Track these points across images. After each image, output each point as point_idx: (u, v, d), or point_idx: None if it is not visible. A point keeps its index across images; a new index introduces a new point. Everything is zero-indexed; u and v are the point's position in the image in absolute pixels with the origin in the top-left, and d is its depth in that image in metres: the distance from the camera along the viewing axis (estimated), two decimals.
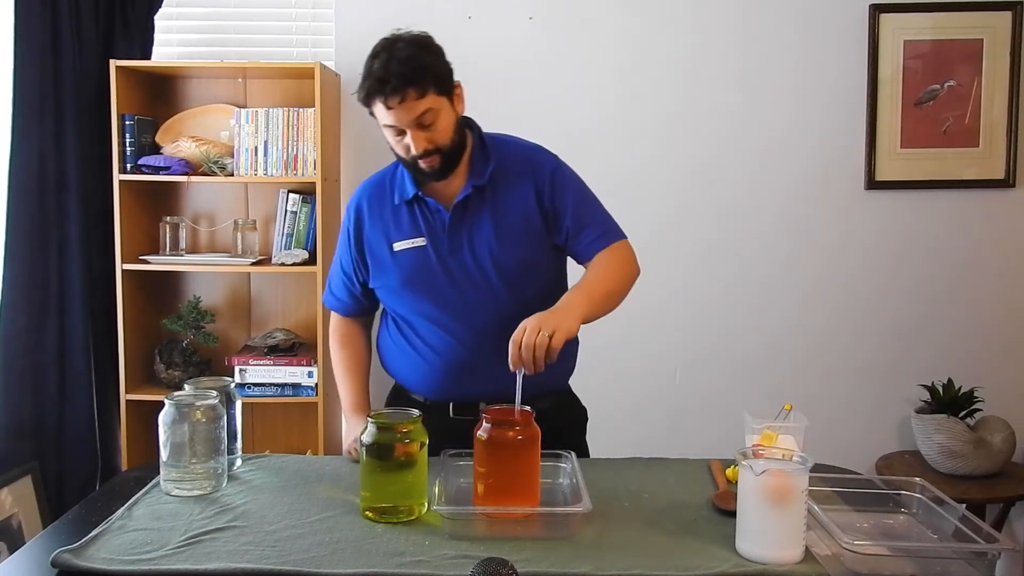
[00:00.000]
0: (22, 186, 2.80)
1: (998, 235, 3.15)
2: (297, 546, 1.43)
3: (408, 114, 1.75)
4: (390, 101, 1.74)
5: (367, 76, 1.76)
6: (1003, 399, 3.04)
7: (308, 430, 3.07)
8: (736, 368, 3.17)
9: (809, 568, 1.37)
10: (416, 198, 1.89)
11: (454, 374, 1.90)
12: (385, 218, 1.93)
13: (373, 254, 1.93)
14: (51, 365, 2.89)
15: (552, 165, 1.93)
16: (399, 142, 1.81)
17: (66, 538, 1.45)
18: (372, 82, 1.75)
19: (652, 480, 1.75)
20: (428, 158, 1.79)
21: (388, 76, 1.73)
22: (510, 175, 1.90)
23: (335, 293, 2.06)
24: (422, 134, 1.77)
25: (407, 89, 1.73)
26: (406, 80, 1.73)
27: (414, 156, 1.79)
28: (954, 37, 3.07)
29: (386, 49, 1.77)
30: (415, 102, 1.75)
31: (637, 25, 3.12)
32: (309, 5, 3.18)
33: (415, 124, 1.76)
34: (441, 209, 1.88)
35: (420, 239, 1.88)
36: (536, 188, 1.89)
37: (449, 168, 1.84)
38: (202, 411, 1.64)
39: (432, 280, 1.88)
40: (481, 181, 1.87)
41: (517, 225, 1.88)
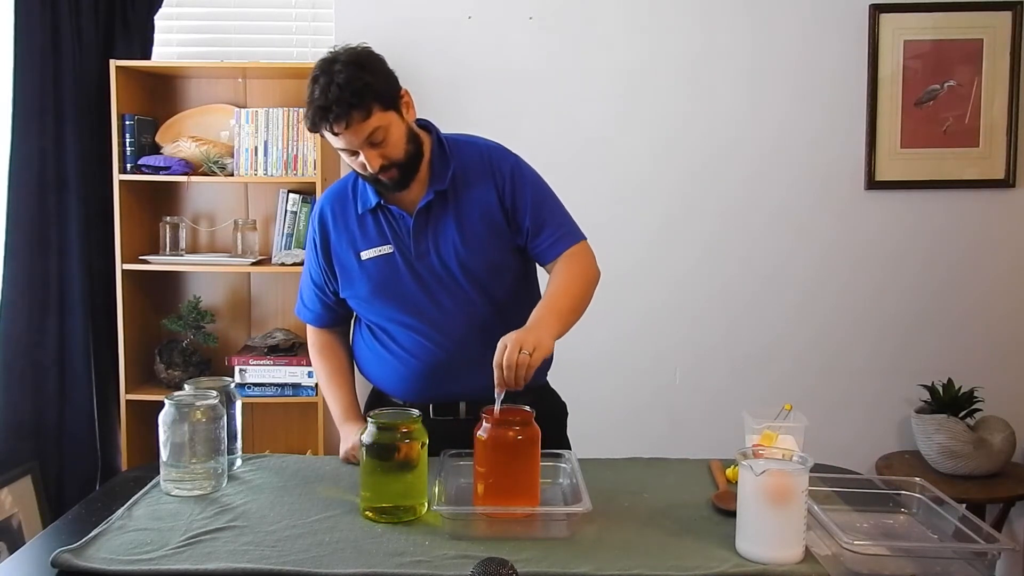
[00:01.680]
0: (22, 186, 2.80)
1: (998, 235, 3.15)
2: (297, 546, 1.43)
3: (357, 136, 1.73)
4: (336, 127, 1.71)
5: (310, 103, 1.73)
6: (1003, 399, 3.04)
7: (308, 430, 3.07)
8: (736, 368, 3.17)
9: (809, 568, 1.37)
10: (379, 206, 1.88)
11: (431, 376, 1.89)
12: (350, 227, 1.91)
13: (341, 264, 1.92)
14: (51, 365, 2.89)
15: (511, 164, 1.92)
16: (354, 161, 1.79)
17: (66, 538, 1.45)
18: (315, 110, 1.72)
19: (652, 480, 1.75)
20: (386, 172, 1.78)
21: (329, 103, 1.70)
22: (470, 177, 1.88)
23: (307, 305, 2.04)
24: (375, 151, 1.75)
25: (351, 113, 1.70)
26: (349, 105, 1.70)
27: (371, 173, 1.78)
28: (954, 37, 3.07)
29: (325, 73, 1.72)
30: (361, 124, 1.72)
31: (637, 25, 3.12)
32: (309, 5, 3.18)
33: (366, 144, 1.75)
34: (405, 215, 1.87)
35: (387, 247, 1.87)
36: (496, 188, 1.89)
37: (409, 178, 1.83)
38: (202, 411, 1.64)
39: (402, 287, 1.87)
40: (442, 186, 1.86)
41: (480, 227, 1.87)
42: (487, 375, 1.65)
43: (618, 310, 3.07)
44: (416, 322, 1.88)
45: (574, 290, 1.83)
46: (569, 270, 1.86)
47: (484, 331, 1.83)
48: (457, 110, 3.14)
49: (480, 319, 1.86)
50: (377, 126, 1.74)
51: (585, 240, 1.93)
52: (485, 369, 1.66)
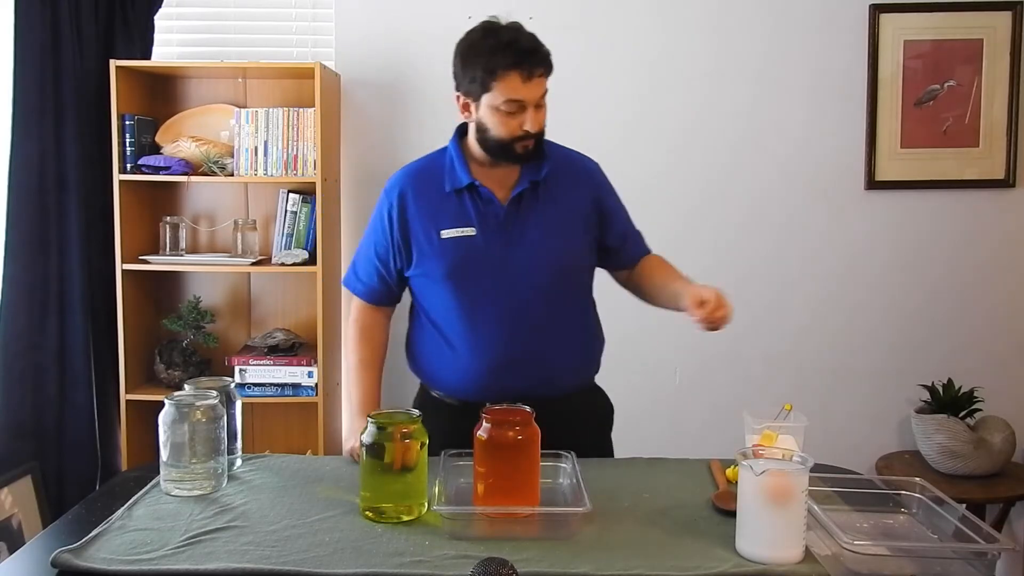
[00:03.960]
0: (22, 186, 2.80)
1: (998, 235, 3.15)
2: (297, 546, 1.43)
3: (538, 90, 1.79)
4: (536, 70, 1.77)
5: (506, 47, 1.76)
6: (1003, 399, 3.04)
7: (308, 430, 3.06)
8: (736, 368, 3.17)
9: (809, 568, 1.37)
10: (470, 187, 1.88)
11: (487, 373, 1.89)
12: (432, 205, 1.90)
13: (417, 240, 1.91)
14: (51, 365, 2.89)
15: (601, 173, 2.02)
16: (511, 119, 1.80)
17: (66, 538, 1.45)
18: (516, 52, 1.76)
19: (652, 480, 1.75)
20: (526, 140, 1.82)
21: (535, 47, 1.78)
22: (563, 176, 1.92)
23: (361, 278, 2.01)
24: (538, 114, 1.81)
25: (545, 66, 1.79)
26: (546, 56, 1.79)
27: (523, 133, 1.80)
28: (954, 37, 3.07)
29: (506, 29, 1.80)
30: (543, 80, 1.80)
31: (637, 26, 3.12)
32: (309, 5, 3.18)
33: (537, 102, 1.80)
34: (495, 200, 1.88)
35: (470, 228, 1.87)
36: (592, 192, 1.95)
37: (537, 154, 1.86)
38: (202, 411, 1.64)
39: (478, 271, 1.87)
40: (537, 177, 1.88)
41: (567, 224, 1.91)
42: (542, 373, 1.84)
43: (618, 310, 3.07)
44: (480, 308, 1.87)
45: None
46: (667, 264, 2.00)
47: (543, 331, 1.88)
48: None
49: (541, 316, 1.88)
50: (547, 89, 1.83)
51: None
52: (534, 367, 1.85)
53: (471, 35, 1.84)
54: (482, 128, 1.84)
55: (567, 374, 1.95)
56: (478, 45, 1.81)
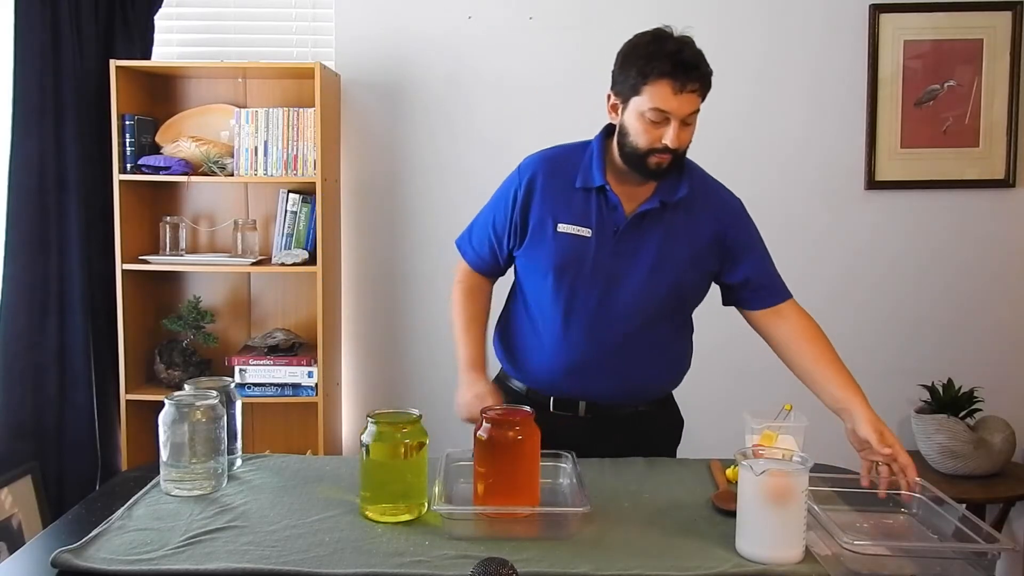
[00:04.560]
0: (22, 186, 2.80)
1: (998, 235, 3.15)
2: (297, 546, 1.43)
3: (688, 106, 1.75)
4: (690, 86, 1.73)
5: (664, 56, 1.74)
6: (1003, 399, 3.04)
7: (308, 430, 3.06)
8: (736, 368, 3.17)
9: (809, 568, 1.37)
10: (600, 189, 1.85)
11: (568, 373, 1.89)
12: (557, 196, 1.87)
13: (534, 226, 1.88)
14: (51, 365, 2.89)
15: (740, 210, 1.96)
16: (652, 129, 1.76)
17: (66, 538, 1.45)
18: (674, 63, 1.73)
19: (652, 480, 1.75)
20: (662, 155, 1.78)
21: (697, 63, 1.74)
22: (696, 205, 1.88)
23: (474, 246, 2.00)
24: (683, 131, 1.77)
25: (702, 84, 1.75)
26: (706, 76, 1.76)
27: (662, 147, 1.76)
28: (954, 37, 3.07)
29: (674, 39, 1.77)
30: (697, 98, 1.76)
31: (636, 25, 3.10)
32: (309, 5, 3.18)
33: (684, 118, 1.76)
34: (620, 209, 1.84)
35: (586, 229, 1.84)
36: (718, 226, 1.90)
37: (670, 172, 1.83)
38: (202, 411, 1.64)
39: (582, 273, 1.84)
40: (670, 199, 1.85)
41: (685, 256, 1.87)
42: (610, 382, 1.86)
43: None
44: (578, 313, 1.86)
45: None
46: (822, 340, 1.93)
47: (630, 342, 1.86)
48: (457, 110, 3.14)
49: (634, 331, 1.86)
50: (698, 110, 1.79)
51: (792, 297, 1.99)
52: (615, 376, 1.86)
53: (639, 37, 1.82)
54: (624, 132, 1.81)
55: (643, 390, 1.94)
56: (641, 48, 1.79)
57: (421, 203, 3.19)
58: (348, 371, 3.24)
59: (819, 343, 1.90)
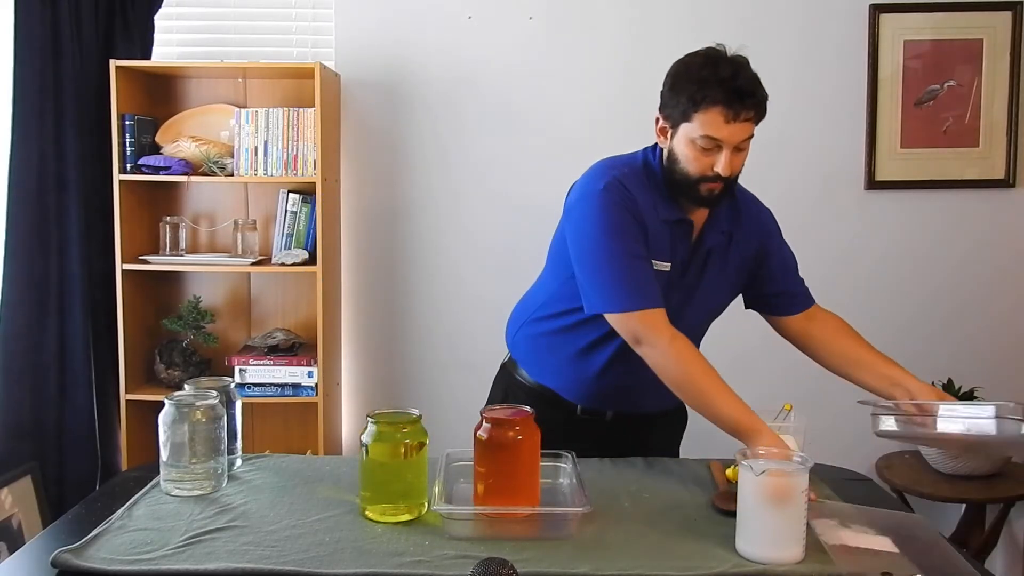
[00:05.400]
0: (22, 186, 2.80)
1: (998, 235, 3.15)
2: (297, 546, 1.43)
3: (741, 134, 1.68)
4: (744, 114, 1.66)
5: (717, 82, 1.64)
6: (1003, 399, 3.03)
7: (308, 430, 3.07)
8: (736, 368, 3.15)
9: (809, 568, 1.37)
10: (680, 221, 1.77)
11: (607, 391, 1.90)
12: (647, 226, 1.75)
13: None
14: (51, 365, 2.89)
15: (774, 221, 1.95)
16: (703, 156, 1.69)
17: (66, 538, 1.45)
18: (729, 90, 1.64)
19: (652, 480, 1.75)
20: (714, 184, 1.71)
21: (752, 90, 1.66)
22: (744, 227, 1.87)
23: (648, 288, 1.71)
24: (735, 158, 1.70)
25: (758, 109, 1.68)
26: (761, 102, 1.68)
27: (713, 175, 1.69)
28: (954, 37, 3.07)
29: (727, 61, 1.67)
30: (751, 125, 1.69)
31: (637, 25, 3.12)
32: (309, 5, 3.18)
33: (737, 146, 1.69)
34: (689, 240, 1.80)
35: (666, 264, 1.77)
36: (756, 240, 1.89)
37: (722, 200, 1.78)
38: (202, 411, 1.64)
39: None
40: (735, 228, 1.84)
41: (734, 278, 1.87)
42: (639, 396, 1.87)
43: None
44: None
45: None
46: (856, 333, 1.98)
47: None
48: (457, 110, 3.14)
49: None
50: (752, 135, 1.71)
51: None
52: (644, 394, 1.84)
53: (690, 58, 1.72)
54: (673, 158, 1.73)
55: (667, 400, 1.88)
56: (693, 71, 1.69)
57: (421, 203, 3.19)
58: (348, 371, 3.24)
59: (854, 335, 1.97)
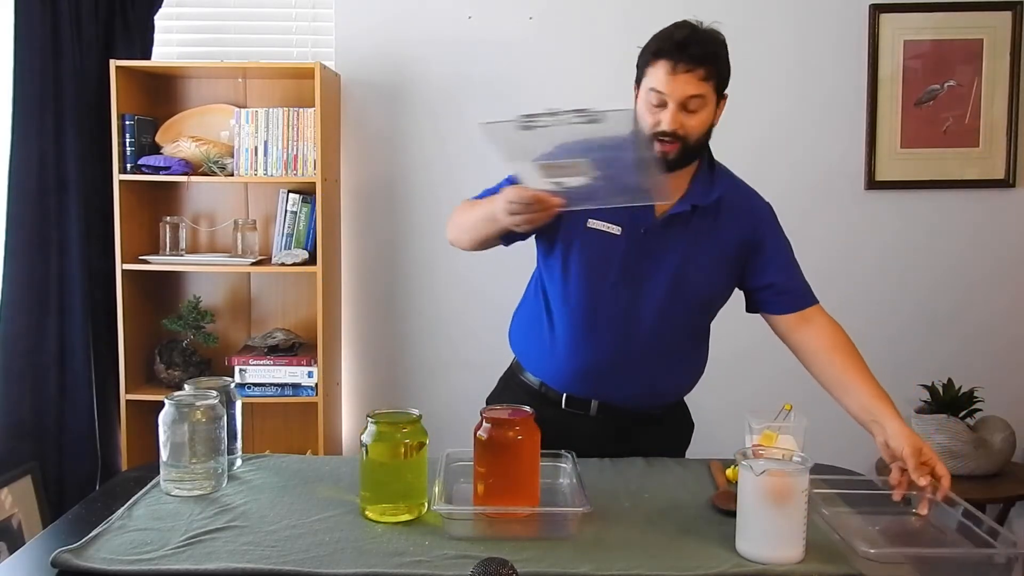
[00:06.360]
0: (22, 186, 2.80)
1: (998, 235, 3.15)
2: (297, 546, 1.43)
3: (683, 89, 1.71)
4: (679, 67, 1.71)
5: (664, 37, 1.75)
6: (1003, 399, 3.04)
7: (308, 430, 3.06)
8: (736, 368, 3.17)
9: (809, 568, 1.37)
10: None
11: (581, 372, 1.88)
12: None
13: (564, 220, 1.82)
14: (51, 365, 2.89)
15: (769, 213, 1.92)
16: (653, 112, 1.75)
17: (66, 538, 1.45)
18: (670, 43, 1.73)
19: (652, 480, 1.75)
20: (669, 143, 1.74)
21: (690, 42, 1.72)
22: (724, 208, 1.86)
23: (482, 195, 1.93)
24: (680, 116, 1.73)
25: (699, 65, 1.71)
26: (704, 56, 1.72)
27: (659, 132, 1.73)
28: (954, 37, 3.07)
29: (690, 25, 1.77)
30: (697, 81, 1.72)
31: (636, 25, 3.10)
32: (309, 5, 3.18)
33: (681, 102, 1.72)
34: (651, 210, 1.82)
35: (616, 227, 1.81)
36: (746, 231, 1.87)
37: (679, 164, 1.78)
38: (202, 411, 1.64)
39: (606, 271, 1.83)
40: (702, 203, 1.83)
41: (712, 262, 1.85)
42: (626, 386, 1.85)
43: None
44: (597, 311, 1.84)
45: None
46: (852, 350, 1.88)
47: (649, 345, 1.85)
48: (457, 110, 3.14)
49: (653, 335, 1.85)
50: (701, 94, 1.73)
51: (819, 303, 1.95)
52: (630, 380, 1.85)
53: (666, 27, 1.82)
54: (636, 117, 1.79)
55: (658, 396, 1.93)
56: (657, 33, 1.79)
57: (421, 203, 3.19)
58: (348, 371, 3.24)
59: (849, 353, 1.85)
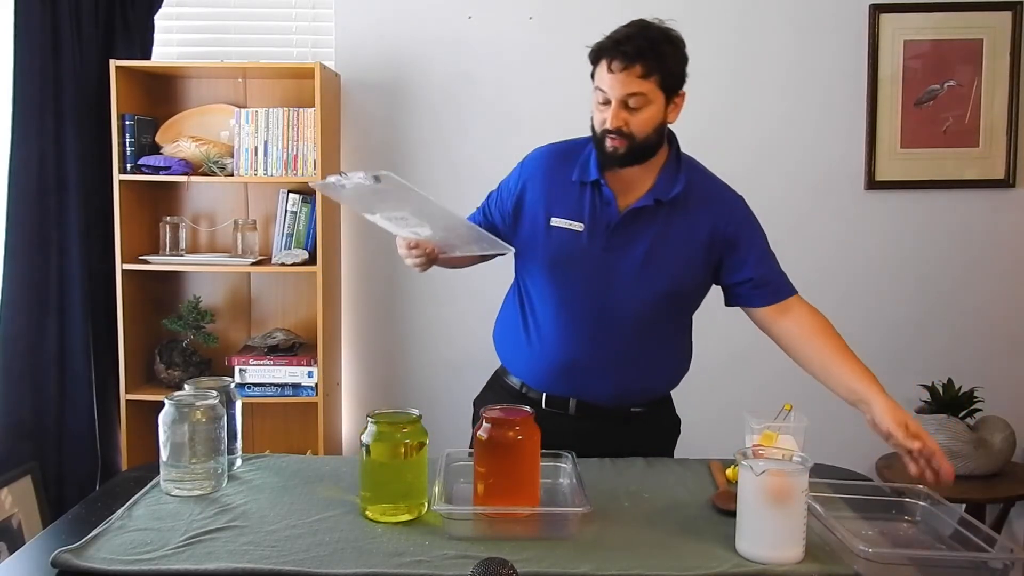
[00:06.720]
0: (22, 186, 2.80)
1: (998, 235, 3.15)
2: (297, 546, 1.43)
3: (622, 87, 1.73)
4: (614, 64, 1.73)
5: (608, 36, 1.78)
6: (1003, 399, 3.04)
7: (308, 430, 3.06)
8: (736, 368, 3.17)
9: (809, 568, 1.37)
10: (595, 183, 1.85)
11: (559, 370, 1.89)
12: (554, 189, 1.88)
13: (528, 219, 1.89)
14: (51, 365, 2.89)
15: (741, 206, 1.92)
16: (600, 111, 1.78)
17: (66, 538, 1.45)
18: (608, 41, 1.76)
19: (652, 480, 1.75)
20: (616, 139, 1.76)
21: (626, 41, 1.74)
22: (692, 201, 1.86)
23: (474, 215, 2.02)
24: (623, 113, 1.75)
25: (635, 62, 1.73)
26: (639, 53, 1.73)
27: (604, 130, 1.76)
28: (954, 37, 3.07)
29: (639, 24, 1.79)
30: (635, 79, 1.73)
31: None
32: (309, 5, 3.18)
33: (622, 100, 1.74)
34: (613, 204, 1.84)
35: (579, 224, 1.84)
36: (714, 224, 1.86)
37: (630, 160, 1.80)
38: (202, 411, 1.64)
39: (573, 268, 1.84)
40: (665, 197, 1.83)
41: (680, 254, 1.85)
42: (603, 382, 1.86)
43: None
44: (570, 309, 1.85)
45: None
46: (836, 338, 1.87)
47: (624, 343, 1.85)
48: (457, 110, 3.14)
49: (627, 332, 1.85)
50: (643, 92, 1.74)
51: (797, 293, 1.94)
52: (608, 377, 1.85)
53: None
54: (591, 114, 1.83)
55: (637, 392, 1.92)
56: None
57: None
58: (348, 371, 3.24)
59: (830, 336, 1.85)
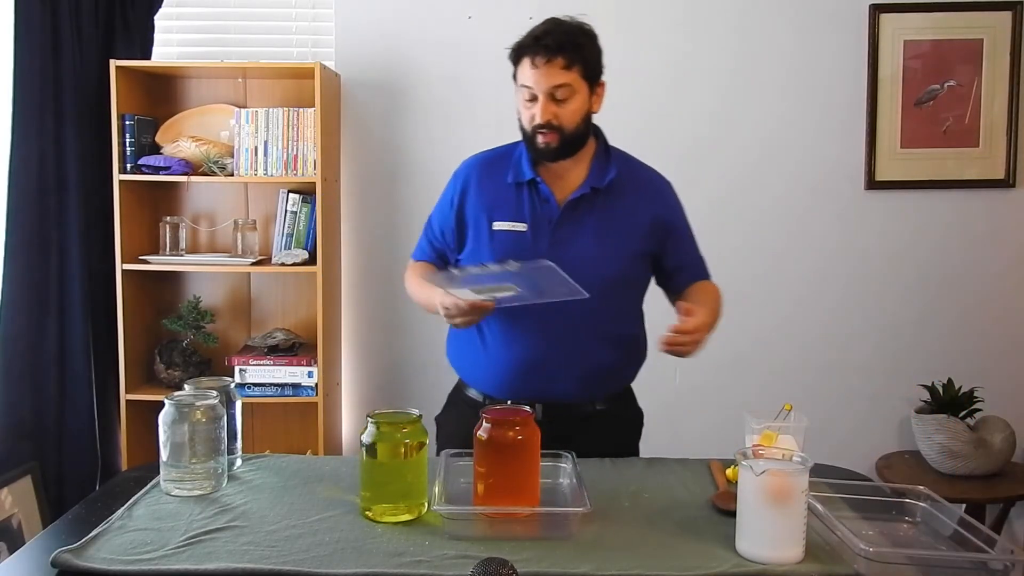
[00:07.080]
0: (22, 186, 2.80)
1: (998, 235, 3.15)
2: (297, 546, 1.43)
3: (547, 80, 1.78)
4: (537, 59, 1.77)
5: (526, 35, 1.81)
6: (1003, 399, 3.04)
7: (308, 430, 3.06)
8: (736, 368, 3.17)
9: (809, 568, 1.37)
10: (531, 183, 1.88)
11: (518, 372, 1.89)
12: (492, 195, 1.91)
13: (472, 227, 1.92)
14: (51, 365, 2.89)
15: (671, 191, 1.97)
16: (528, 108, 1.82)
17: (66, 538, 1.45)
18: (528, 38, 1.79)
19: (652, 480, 1.75)
20: (547, 134, 1.80)
21: (544, 35, 1.77)
22: (627, 188, 1.90)
23: (422, 246, 2.06)
24: (551, 106, 1.79)
25: (557, 54, 1.76)
26: (560, 46, 1.77)
27: (536, 126, 1.80)
28: (954, 37, 3.07)
29: (554, 21, 1.82)
30: (559, 71, 1.78)
31: (635, 26, 3.12)
32: (309, 5, 3.18)
33: (549, 93, 1.78)
34: (552, 201, 1.87)
35: (521, 224, 1.87)
36: (654, 208, 1.91)
37: (564, 152, 1.84)
38: (202, 411, 1.64)
39: None
40: (599, 184, 1.87)
41: (624, 238, 1.88)
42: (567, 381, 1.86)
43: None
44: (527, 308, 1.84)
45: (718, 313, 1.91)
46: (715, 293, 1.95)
47: (580, 336, 1.87)
48: (457, 110, 3.14)
49: (582, 324, 1.86)
50: (568, 83, 1.79)
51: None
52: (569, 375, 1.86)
53: None
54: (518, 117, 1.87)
55: (599, 383, 1.94)
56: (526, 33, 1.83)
57: (421, 203, 3.18)
58: (348, 371, 3.24)
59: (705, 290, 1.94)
